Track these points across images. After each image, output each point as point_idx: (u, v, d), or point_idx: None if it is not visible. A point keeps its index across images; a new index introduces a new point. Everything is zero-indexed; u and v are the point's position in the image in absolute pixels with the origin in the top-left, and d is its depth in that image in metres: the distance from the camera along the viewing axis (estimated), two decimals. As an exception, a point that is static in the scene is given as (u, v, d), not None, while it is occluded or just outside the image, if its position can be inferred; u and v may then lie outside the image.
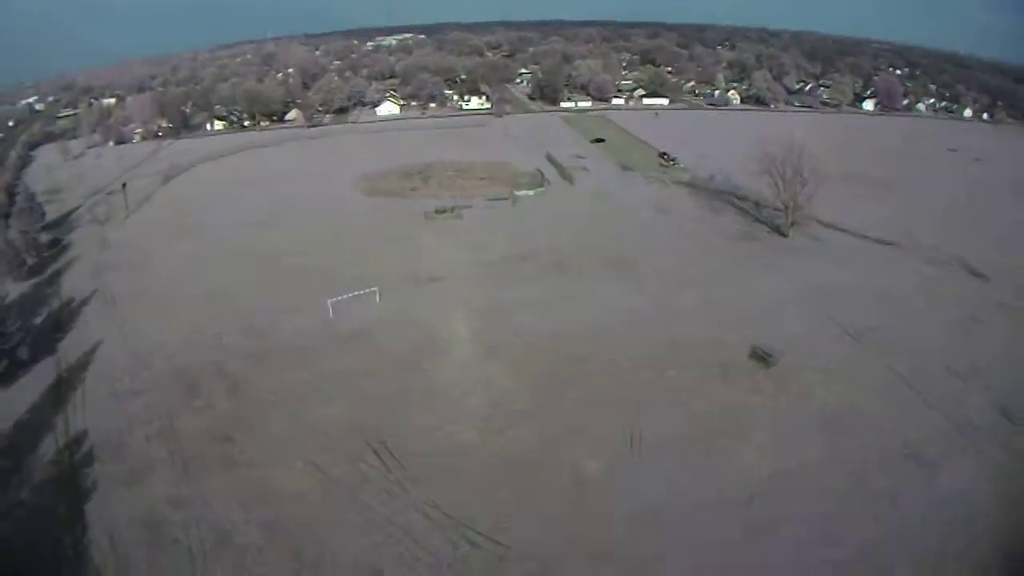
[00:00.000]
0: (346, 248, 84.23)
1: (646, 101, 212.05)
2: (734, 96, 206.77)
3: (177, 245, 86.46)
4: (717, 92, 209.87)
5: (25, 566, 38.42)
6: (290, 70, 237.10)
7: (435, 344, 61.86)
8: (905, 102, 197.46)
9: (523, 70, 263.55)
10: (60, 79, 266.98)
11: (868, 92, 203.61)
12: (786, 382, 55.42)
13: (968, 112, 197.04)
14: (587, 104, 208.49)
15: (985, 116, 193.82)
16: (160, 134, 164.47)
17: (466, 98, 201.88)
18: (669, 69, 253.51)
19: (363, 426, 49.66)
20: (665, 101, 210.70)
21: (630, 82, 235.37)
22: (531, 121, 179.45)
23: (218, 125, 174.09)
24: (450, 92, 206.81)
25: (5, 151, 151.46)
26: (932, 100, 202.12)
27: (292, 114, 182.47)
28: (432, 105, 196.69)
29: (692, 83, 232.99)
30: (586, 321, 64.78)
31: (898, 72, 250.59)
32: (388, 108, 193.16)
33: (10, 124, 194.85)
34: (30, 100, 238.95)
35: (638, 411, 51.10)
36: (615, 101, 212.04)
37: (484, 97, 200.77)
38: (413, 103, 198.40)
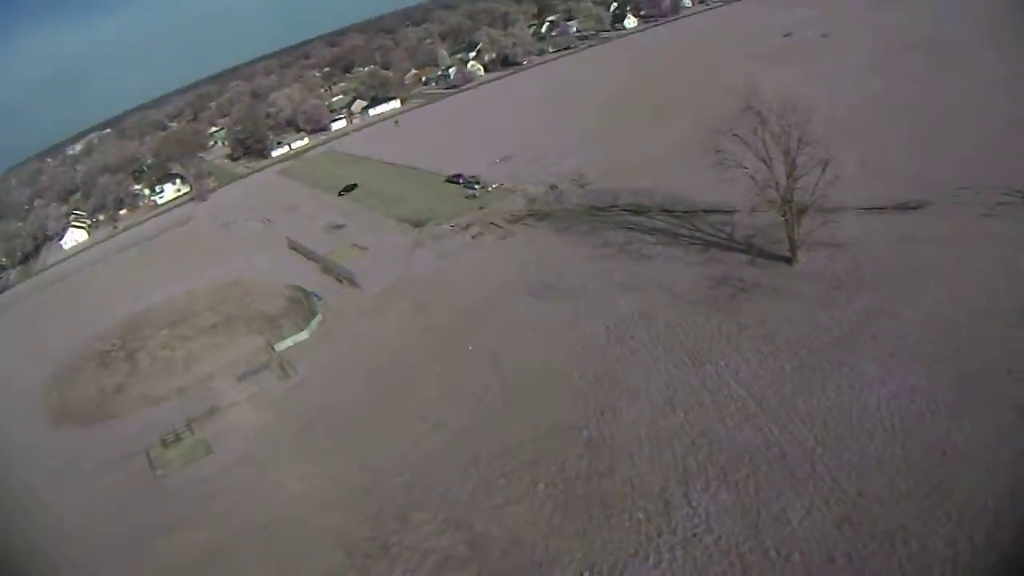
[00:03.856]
0: None
1: (373, 112, 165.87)
2: (476, 68, 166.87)
3: None
4: (452, 69, 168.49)
5: None
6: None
7: None
8: (665, 2, 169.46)
9: (214, 128, 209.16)
10: None
11: (616, 7, 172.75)
12: None
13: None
14: (304, 142, 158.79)
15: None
16: None
17: (158, 189, 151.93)
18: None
19: None
20: (396, 103, 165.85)
21: (342, 96, 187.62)
22: (245, 190, 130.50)
23: None
24: (140, 187, 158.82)
25: None
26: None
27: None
28: (123, 212, 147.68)
29: (413, 72, 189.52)
30: None
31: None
32: (74, 237, 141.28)
33: None
34: None
35: None
36: (335, 125, 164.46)
37: (179, 180, 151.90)
38: (101, 217, 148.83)
